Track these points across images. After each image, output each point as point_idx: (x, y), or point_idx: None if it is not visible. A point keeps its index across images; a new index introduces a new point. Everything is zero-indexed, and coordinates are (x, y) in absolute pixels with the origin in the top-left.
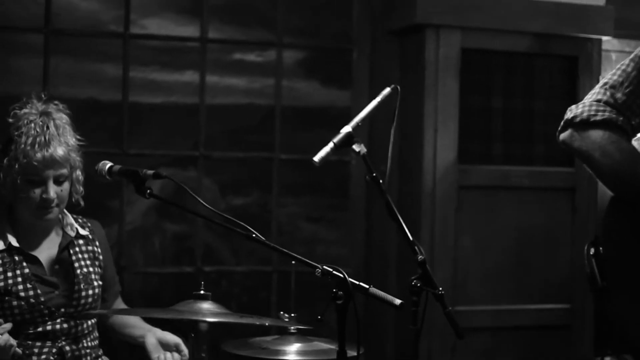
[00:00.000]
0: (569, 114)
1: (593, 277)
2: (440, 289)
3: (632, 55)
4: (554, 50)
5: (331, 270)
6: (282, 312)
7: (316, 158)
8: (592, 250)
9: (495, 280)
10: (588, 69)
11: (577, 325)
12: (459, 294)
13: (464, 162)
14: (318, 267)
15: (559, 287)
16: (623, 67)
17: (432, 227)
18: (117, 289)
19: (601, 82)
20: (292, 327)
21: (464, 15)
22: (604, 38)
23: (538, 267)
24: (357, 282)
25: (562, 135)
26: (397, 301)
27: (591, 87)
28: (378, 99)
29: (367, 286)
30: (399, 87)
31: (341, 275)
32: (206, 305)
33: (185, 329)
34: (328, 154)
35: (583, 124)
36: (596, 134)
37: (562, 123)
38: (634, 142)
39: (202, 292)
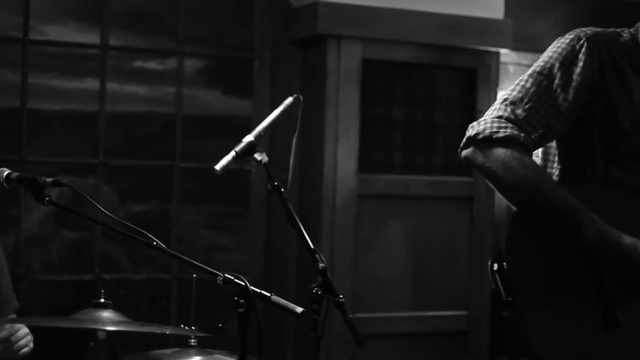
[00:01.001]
0: (470, 131)
1: (498, 293)
2: (341, 296)
3: (529, 71)
4: (453, 62)
5: (233, 278)
6: (182, 325)
7: (217, 166)
8: (495, 266)
9: (394, 288)
10: (486, 81)
11: (474, 332)
12: (359, 301)
13: (364, 171)
14: (219, 275)
15: (457, 294)
16: (522, 83)
17: (332, 235)
18: (14, 304)
19: (501, 98)
20: (193, 340)
21: (365, 27)
22: (502, 51)
23: (437, 274)
24: (259, 291)
25: (465, 152)
26: (299, 309)
27: (489, 99)
28: (280, 108)
29: (268, 294)
30: (301, 97)
31: (242, 284)
32: (106, 314)
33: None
34: (229, 163)
35: (485, 141)
36: (499, 151)
37: (464, 140)
38: (534, 158)
39: (102, 300)
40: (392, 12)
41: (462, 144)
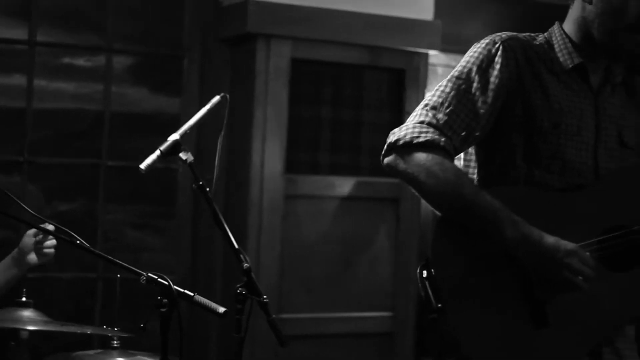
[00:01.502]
0: (392, 138)
1: (428, 300)
2: (265, 297)
3: (449, 76)
4: (382, 63)
5: (156, 277)
6: (105, 325)
7: (142, 165)
8: (424, 273)
9: (320, 288)
10: (415, 81)
11: (399, 333)
12: (285, 302)
13: (291, 171)
14: (143, 275)
15: (382, 295)
16: (442, 88)
17: (258, 236)
18: None
19: (422, 103)
20: (115, 341)
21: (294, 26)
22: (431, 52)
23: (363, 275)
24: (182, 290)
25: (387, 160)
26: (221, 309)
27: (417, 100)
28: (207, 107)
29: (191, 294)
30: (228, 96)
31: (166, 283)
32: (27, 313)
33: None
34: (154, 162)
35: (406, 147)
36: (420, 156)
37: (385, 147)
38: (456, 162)
39: (23, 299)
40: (322, 12)
41: (383, 151)
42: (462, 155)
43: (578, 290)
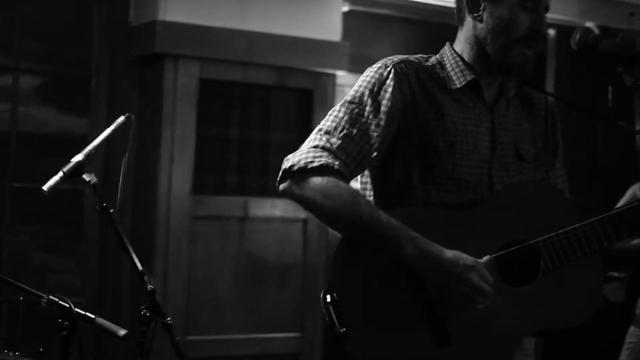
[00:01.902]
0: (286, 164)
1: (332, 325)
2: (169, 318)
3: (342, 101)
4: (291, 83)
5: (57, 300)
6: (6, 351)
7: (45, 187)
8: (328, 298)
9: (228, 309)
10: (323, 102)
11: (307, 354)
12: (192, 324)
13: (199, 192)
14: (44, 297)
15: (290, 316)
16: (335, 113)
17: (165, 257)
18: None
19: (316, 128)
20: None
21: (203, 47)
22: (339, 73)
23: (270, 296)
24: (84, 312)
25: (282, 186)
26: (122, 332)
27: None
28: (111, 127)
29: (92, 316)
30: (132, 116)
31: (67, 305)
32: None
33: None
34: (57, 183)
35: (301, 172)
36: (315, 180)
37: (280, 174)
38: (353, 184)
39: None
40: (230, 33)
41: (279, 178)
42: (359, 178)
43: (477, 306)
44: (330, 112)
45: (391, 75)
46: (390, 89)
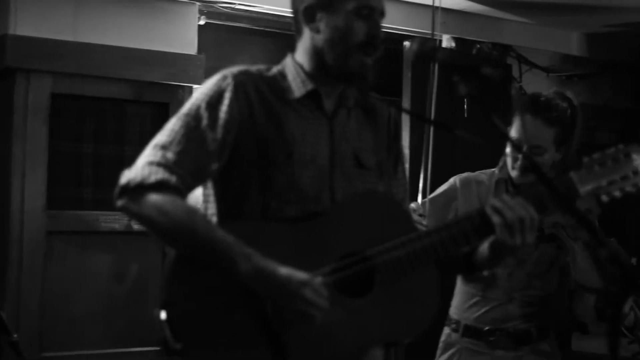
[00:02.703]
0: (123, 180)
1: (166, 341)
2: (15, 335)
3: (178, 114)
4: (146, 97)
5: None
6: None
7: None
8: (162, 314)
9: (84, 325)
10: None
11: None
12: (47, 340)
13: (53, 207)
14: None
15: (148, 330)
16: (171, 127)
17: (19, 274)
18: None
19: (152, 143)
20: None
21: (55, 61)
22: (195, 86)
23: (128, 310)
24: None
25: (120, 203)
26: None
27: None
28: None
29: None
30: None
31: None
32: None
33: None
34: None
35: (138, 189)
36: (152, 197)
37: (117, 190)
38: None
39: None
40: (83, 47)
41: (116, 194)
42: (201, 190)
43: (312, 321)
44: (166, 126)
45: (229, 87)
46: (227, 101)
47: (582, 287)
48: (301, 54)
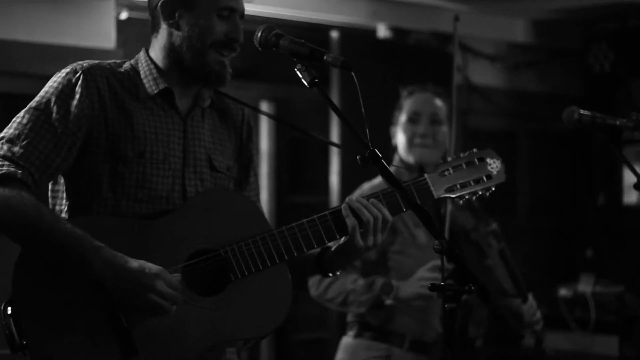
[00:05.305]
0: None
1: (12, 337)
2: None
3: (27, 107)
4: None
5: None
6: None
7: None
8: (8, 310)
9: None
10: None
11: None
12: None
13: None
14: None
15: None
16: (19, 120)
17: None
18: None
19: None
20: None
21: None
22: None
23: None
24: None
25: None
26: None
27: None
28: None
29: None
30: None
31: None
32: None
33: None
34: None
35: None
36: None
37: None
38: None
39: None
40: None
41: None
42: (50, 185)
43: (165, 314)
44: (14, 119)
45: (80, 82)
46: (77, 95)
47: (501, 292)
48: (156, 50)
